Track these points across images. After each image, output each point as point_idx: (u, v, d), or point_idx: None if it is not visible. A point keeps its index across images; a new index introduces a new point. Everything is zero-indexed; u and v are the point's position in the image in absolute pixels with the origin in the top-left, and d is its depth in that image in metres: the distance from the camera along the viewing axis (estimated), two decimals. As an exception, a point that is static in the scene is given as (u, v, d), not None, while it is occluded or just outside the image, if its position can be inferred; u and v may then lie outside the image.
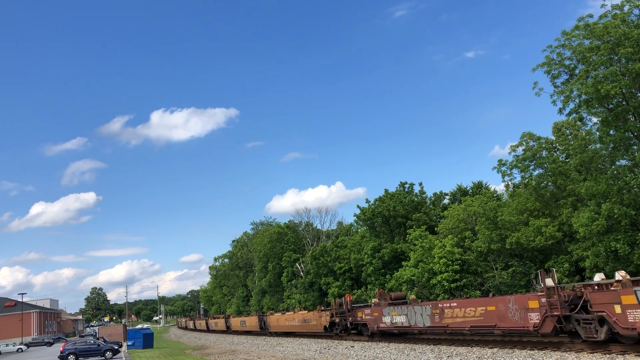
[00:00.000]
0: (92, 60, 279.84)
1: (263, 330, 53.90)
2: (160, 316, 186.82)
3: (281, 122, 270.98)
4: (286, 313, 50.64)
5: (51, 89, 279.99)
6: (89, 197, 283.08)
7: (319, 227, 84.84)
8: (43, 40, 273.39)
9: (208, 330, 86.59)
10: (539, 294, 20.31)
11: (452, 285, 41.87)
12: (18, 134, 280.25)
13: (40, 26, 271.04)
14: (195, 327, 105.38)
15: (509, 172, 39.61)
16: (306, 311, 47.42)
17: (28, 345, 77.08)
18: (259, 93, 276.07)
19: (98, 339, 56.76)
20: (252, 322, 58.64)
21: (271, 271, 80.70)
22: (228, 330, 70.32)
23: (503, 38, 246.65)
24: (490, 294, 35.12)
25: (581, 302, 18.57)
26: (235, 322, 66.92)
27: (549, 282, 19.67)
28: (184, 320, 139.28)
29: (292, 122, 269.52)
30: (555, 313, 19.19)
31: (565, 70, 33.72)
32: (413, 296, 35.31)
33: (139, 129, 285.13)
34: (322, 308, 41.45)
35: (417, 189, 59.61)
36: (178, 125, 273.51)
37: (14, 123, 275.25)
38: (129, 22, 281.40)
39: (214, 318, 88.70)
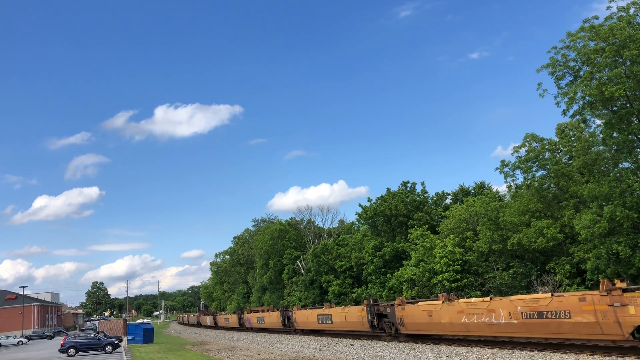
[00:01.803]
0: (97, 56, 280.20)
1: (287, 328, 47.63)
2: (160, 311, 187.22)
3: (285, 120, 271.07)
4: (318, 308, 44.70)
5: (56, 84, 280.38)
6: (92, 191, 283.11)
7: (320, 225, 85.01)
8: (47, 36, 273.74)
9: (215, 327, 79.04)
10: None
11: (452, 285, 41.89)
12: (22, 128, 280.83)
13: (44, 22, 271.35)
14: (199, 323, 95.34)
15: (511, 172, 39.60)
16: (344, 307, 39.08)
17: (29, 338, 77.34)
18: (263, 91, 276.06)
19: (98, 333, 56.95)
20: (273, 318, 51.14)
21: (272, 268, 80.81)
22: (241, 328, 62.70)
23: (508, 39, 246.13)
24: (490, 296, 35.26)
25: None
26: (252, 319, 58.69)
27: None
28: (185, 315, 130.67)
29: (295, 120, 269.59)
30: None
31: (570, 72, 33.65)
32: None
33: (142, 124, 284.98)
34: (371, 302, 33.92)
35: (419, 188, 59.70)
36: (182, 121, 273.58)
37: (18, 117, 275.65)
38: (135, 18, 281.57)
39: (224, 313, 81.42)
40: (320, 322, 40.39)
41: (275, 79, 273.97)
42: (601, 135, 33.69)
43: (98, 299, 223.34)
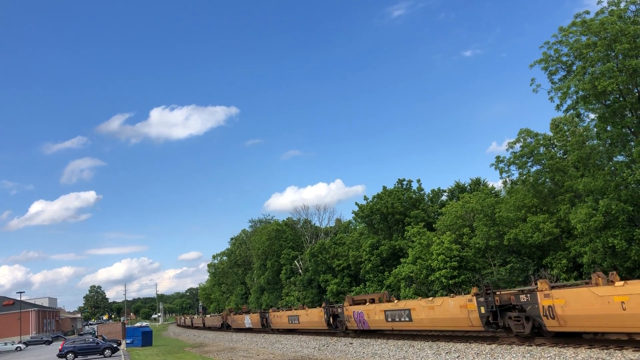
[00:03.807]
0: (91, 59, 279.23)
1: (333, 329, 37.19)
2: (159, 314, 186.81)
3: (281, 120, 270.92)
4: (392, 301, 31.10)
5: (50, 88, 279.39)
6: (89, 195, 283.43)
7: (317, 224, 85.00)
8: (42, 39, 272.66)
9: (227, 329, 68.28)
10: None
11: (450, 281, 41.98)
12: (18, 134, 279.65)
13: (38, 25, 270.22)
14: (204, 325, 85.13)
15: (506, 168, 39.76)
16: (446, 297, 27.28)
17: (27, 343, 77.05)
18: (259, 91, 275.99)
19: (97, 337, 56.78)
20: (314, 317, 40.26)
21: (270, 269, 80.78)
22: (265, 329, 52.63)
23: (500, 37, 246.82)
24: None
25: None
26: (280, 320, 47.30)
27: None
28: (188, 317, 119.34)
29: (291, 120, 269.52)
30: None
31: (563, 67, 33.79)
32: None
33: (138, 126, 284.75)
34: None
35: (415, 185, 59.83)
36: (178, 123, 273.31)
37: (13, 122, 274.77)
38: (129, 21, 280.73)
39: (240, 313, 66.28)
40: (399, 320, 29.50)
41: (271, 79, 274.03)
42: (595, 129, 33.85)
43: (96, 303, 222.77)
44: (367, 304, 33.34)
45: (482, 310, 22.72)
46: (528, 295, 20.62)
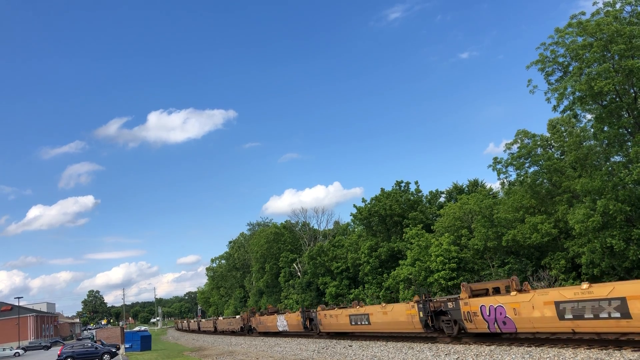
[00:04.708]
0: (88, 64, 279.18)
1: (432, 330, 27.03)
2: (157, 318, 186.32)
3: (278, 123, 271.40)
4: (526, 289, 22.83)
5: (48, 93, 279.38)
6: (87, 200, 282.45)
7: (315, 227, 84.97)
8: (39, 44, 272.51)
9: (250, 333, 57.41)
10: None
11: (449, 283, 41.99)
12: (15, 138, 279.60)
13: (35, 29, 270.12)
14: (216, 329, 73.34)
15: (504, 169, 39.76)
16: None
17: (25, 349, 76.71)
18: (256, 95, 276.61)
19: (95, 342, 56.61)
20: (397, 315, 29.31)
21: (268, 272, 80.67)
22: (308, 334, 42.04)
23: (497, 39, 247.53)
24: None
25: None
26: (336, 321, 36.86)
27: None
28: (192, 321, 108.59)
29: (289, 123, 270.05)
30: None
31: (559, 68, 33.89)
32: None
33: (135, 130, 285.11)
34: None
35: (413, 187, 59.85)
36: (175, 126, 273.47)
37: (11, 127, 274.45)
38: (126, 25, 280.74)
39: (270, 313, 53.15)
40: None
41: (269, 82, 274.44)
42: (592, 130, 33.92)
43: (94, 307, 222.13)
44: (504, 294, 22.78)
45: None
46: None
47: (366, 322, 32.21)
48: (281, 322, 47.65)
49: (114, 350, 45.72)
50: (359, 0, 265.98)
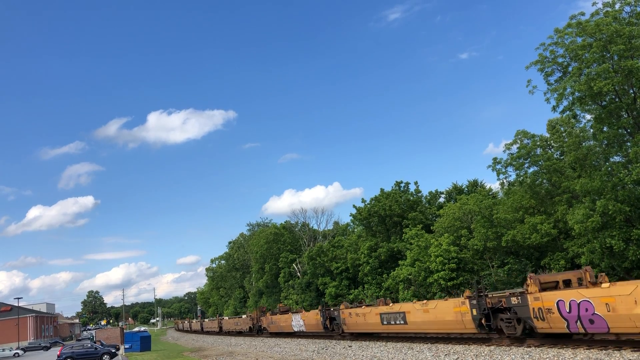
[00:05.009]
0: (88, 64, 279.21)
1: (487, 332, 23.16)
2: (157, 319, 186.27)
3: (278, 123, 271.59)
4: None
5: (47, 93, 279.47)
6: (87, 200, 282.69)
7: (315, 227, 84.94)
8: (38, 45, 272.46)
9: (259, 333, 53.73)
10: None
11: (448, 283, 41.98)
12: (15, 139, 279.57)
13: (35, 29, 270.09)
14: (221, 329, 69.63)
15: (503, 170, 39.76)
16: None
17: (25, 349, 76.69)
18: (256, 95, 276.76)
19: (95, 342, 56.61)
20: (443, 313, 25.68)
21: (268, 272, 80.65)
22: (329, 335, 38.03)
23: (496, 39, 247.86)
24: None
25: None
26: (364, 320, 32.66)
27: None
28: (195, 321, 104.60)
29: (289, 123, 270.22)
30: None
31: (559, 68, 33.89)
32: None
33: (135, 131, 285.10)
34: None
35: (412, 188, 59.87)
36: (175, 127, 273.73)
37: (11, 128, 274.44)
38: (125, 25, 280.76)
39: (284, 311, 49.85)
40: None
41: (269, 83, 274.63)
42: (592, 130, 33.93)
43: (94, 308, 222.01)
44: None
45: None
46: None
47: (402, 322, 28.44)
48: (297, 321, 43.98)
49: (113, 350, 45.70)
50: (358, 1, 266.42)
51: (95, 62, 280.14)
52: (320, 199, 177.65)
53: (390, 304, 30.09)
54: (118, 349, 54.05)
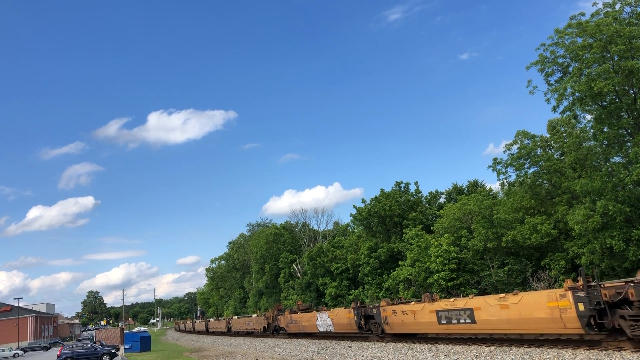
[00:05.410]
0: (88, 64, 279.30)
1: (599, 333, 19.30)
2: (157, 319, 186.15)
3: (279, 124, 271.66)
4: None
5: (48, 93, 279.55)
6: (87, 200, 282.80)
7: (315, 227, 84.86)
8: (39, 43, 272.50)
9: (276, 334, 49.37)
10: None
11: (449, 284, 41.94)
12: (15, 139, 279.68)
13: (35, 29, 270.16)
14: (230, 329, 65.09)
15: (504, 170, 39.73)
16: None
17: (24, 350, 76.67)
18: (257, 95, 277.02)
19: (95, 342, 56.59)
20: (529, 310, 20.16)
21: (268, 272, 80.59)
22: (365, 336, 33.40)
23: (497, 40, 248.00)
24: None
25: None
26: (413, 319, 27.65)
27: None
28: (197, 321, 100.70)
29: (289, 124, 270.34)
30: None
31: (559, 69, 33.88)
32: None
33: (135, 131, 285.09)
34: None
35: (412, 188, 59.82)
36: (175, 127, 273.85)
37: (11, 128, 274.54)
38: (126, 25, 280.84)
39: (305, 310, 46.64)
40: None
41: (269, 83, 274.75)
42: (592, 131, 33.92)
43: (94, 308, 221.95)
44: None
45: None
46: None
47: (467, 320, 23.33)
48: (323, 320, 39.03)
49: (113, 351, 45.71)
50: (358, 2, 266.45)
51: (96, 63, 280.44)
52: (320, 199, 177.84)
53: (452, 299, 24.94)
54: (118, 350, 54.03)
